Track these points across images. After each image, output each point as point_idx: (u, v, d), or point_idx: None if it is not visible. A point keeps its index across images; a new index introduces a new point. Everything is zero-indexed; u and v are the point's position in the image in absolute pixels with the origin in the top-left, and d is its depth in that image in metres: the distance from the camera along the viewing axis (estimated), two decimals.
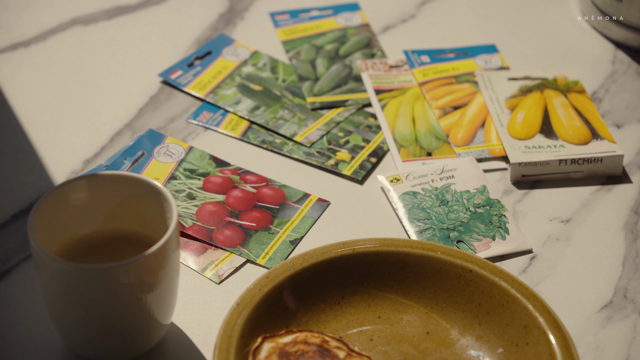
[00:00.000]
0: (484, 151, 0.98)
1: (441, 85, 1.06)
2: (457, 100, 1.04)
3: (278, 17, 1.15)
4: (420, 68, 1.08)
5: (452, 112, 1.03)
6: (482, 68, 1.09)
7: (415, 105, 1.03)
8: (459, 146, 0.99)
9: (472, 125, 1.01)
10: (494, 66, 1.09)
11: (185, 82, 1.05)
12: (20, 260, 0.87)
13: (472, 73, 1.07)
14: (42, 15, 1.14)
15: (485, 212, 0.92)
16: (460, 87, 1.06)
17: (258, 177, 0.96)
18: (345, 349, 0.77)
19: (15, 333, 0.81)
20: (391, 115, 1.02)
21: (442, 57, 1.10)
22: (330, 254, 0.82)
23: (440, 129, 1.00)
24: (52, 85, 1.05)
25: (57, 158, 0.97)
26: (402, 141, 0.99)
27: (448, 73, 1.08)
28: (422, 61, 1.09)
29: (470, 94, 1.05)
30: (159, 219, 0.78)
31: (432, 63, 1.09)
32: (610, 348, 0.82)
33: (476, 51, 1.11)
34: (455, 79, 1.07)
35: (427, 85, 1.06)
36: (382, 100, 1.04)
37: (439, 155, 0.98)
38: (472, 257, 0.82)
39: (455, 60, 1.10)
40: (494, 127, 1.01)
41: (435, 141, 1.00)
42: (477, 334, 0.80)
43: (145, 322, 0.76)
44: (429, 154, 0.98)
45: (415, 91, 1.05)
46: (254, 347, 0.76)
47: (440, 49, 1.11)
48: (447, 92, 1.05)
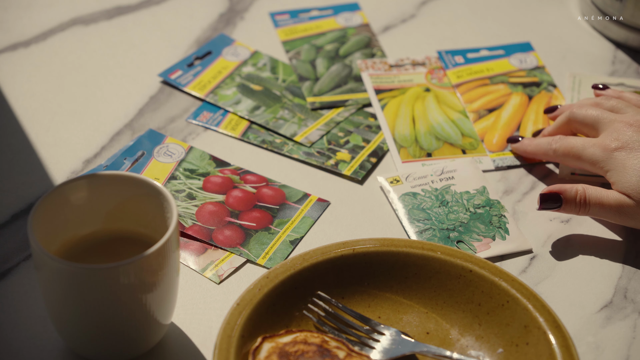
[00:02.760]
0: (519, 158, 0.98)
1: (475, 87, 1.06)
2: (492, 102, 1.04)
3: (278, 17, 1.15)
4: (455, 69, 1.08)
5: (487, 115, 1.02)
6: (517, 68, 1.08)
7: (415, 105, 1.03)
8: (493, 151, 0.99)
9: (507, 128, 1.01)
10: (530, 65, 1.09)
11: (185, 82, 1.05)
12: (20, 260, 0.87)
13: (507, 73, 1.07)
14: (42, 15, 1.14)
15: (485, 212, 0.92)
16: (494, 88, 1.06)
17: (258, 177, 0.96)
18: (345, 349, 0.77)
19: (15, 333, 0.81)
20: (391, 116, 1.02)
21: (476, 57, 1.10)
22: (330, 254, 0.82)
23: (441, 131, 1.00)
24: (52, 85, 1.05)
25: (57, 158, 0.97)
26: (402, 142, 0.99)
27: (482, 74, 1.07)
28: (456, 62, 1.09)
29: (505, 95, 1.05)
30: (159, 219, 0.78)
31: (466, 64, 1.09)
32: (610, 348, 0.82)
33: (511, 50, 1.11)
34: (489, 80, 1.07)
35: (462, 88, 1.05)
36: (382, 100, 1.03)
37: (439, 156, 0.98)
38: (472, 257, 0.82)
39: (490, 60, 1.09)
40: (529, 130, 1.00)
41: (435, 142, 0.99)
42: (477, 334, 0.80)
43: (145, 322, 0.76)
44: (429, 155, 0.98)
45: (415, 90, 1.05)
46: (254, 347, 0.76)
47: (473, 48, 1.11)
48: (482, 93, 1.05)
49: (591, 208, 0.88)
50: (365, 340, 0.79)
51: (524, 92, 1.05)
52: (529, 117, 1.02)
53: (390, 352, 0.78)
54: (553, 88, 1.06)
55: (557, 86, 1.06)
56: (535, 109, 1.03)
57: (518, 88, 1.06)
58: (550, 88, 1.06)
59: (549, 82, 1.07)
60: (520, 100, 1.04)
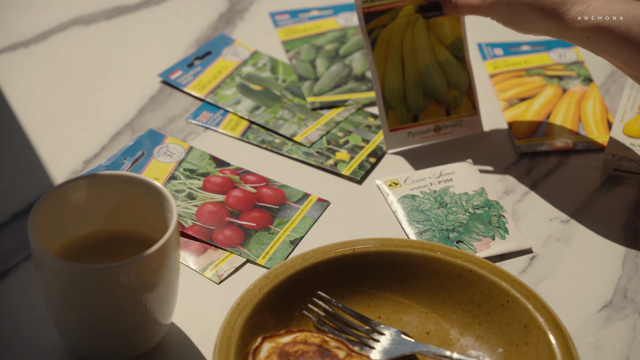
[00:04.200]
0: (545, 144, 0.99)
1: (510, 77, 1.06)
2: (525, 92, 1.05)
3: (278, 17, 1.15)
4: (492, 60, 1.09)
5: (518, 103, 1.03)
6: (555, 62, 1.09)
7: (405, 37, 0.97)
8: (520, 138, 1.00)
9: (537, 117, 1.02)
10: (569, 60, 1.09)
11: (185, 82, 1.05)
12: (20, 260, 0.87)
13: (544, 67, 1.08)
14: (42, 15, 1.14)
15: (484, 212, 0.92)
16: (529, 79, 1.06)
17: (258, 177, 0.96)
18: (345, 349, 0.77)
19: (15, 333, 0.81)
20: (381, 57, 0.97)
21: (516, 51, 1.10)
22: (330, 254, 0.82)
23: (428, 81, 0.98)
24: (52, 85, 1.05)
25: (57, 158, 0.97)
26: (391, 100, 0.97)
27: (520, 66, 1.08)
28: (495, 54, 1.10)
29: (540, 86, 1.05)
30: (159, 219, 0.78)
31: (505, 56, 1.09)
32: (610, 348, 0.82)
33: (551, 44, 1.11)
34: (525, 72, 1.07)
35: (496, 78, 1.06)
36: (372, 34, 0.96)
37: (425, 121, 0.98)
38: (472, 257, 0.82)
39: (529, 53, 1.10)
40: (559, 120, 1.01)
41: (423, 98, 0.98)
42: (477, 334, 0.80)
43: (145, 322, 0.76)
44: (415, 119, 0.98)
45: (406, 14, 0.97)
46: (254, 347, 0.76)
47: (515, 42, 1.11)
48: (516, 84, 1.06)
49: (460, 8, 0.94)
50: (365, 340, 0.79)
51: (559, 85, 1.06)
52: (560, 108, 1.03)
53: (390, 352, 0.78)
54: (589, 82, 1.07)
55: (594, 81, 1.07)
56: (568, 101, 1.04)
57: (553, 80, 1.06)
58: (586, 82, 1.07)
59: (586, 76, 1.07)
60: (554, 92, 1.05)
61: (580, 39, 0.87)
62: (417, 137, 0.98)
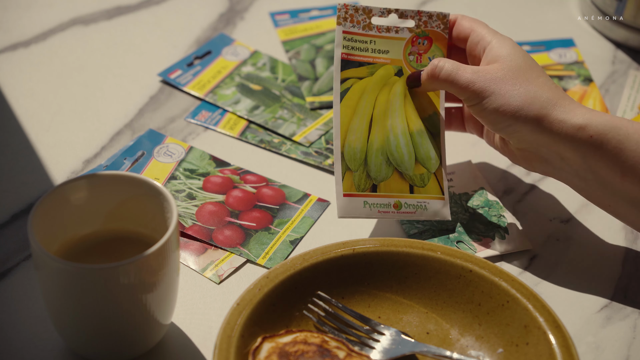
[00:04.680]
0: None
1: None
2: None
3: (278, 17, 1.15)
4: None
5: None
6: (555, 62, 1.09)
7: (380, 96, 0.89)
8: None
9: None
10: (569, 60, 1.09)
11: (185, 81, 1.05)
12: (20, 260, 0.87)
13: (544, 67, 1.08)
14: (42, 15, 1.14)
15: (484, 212, 0.92)
16: None
17: (258, 177, 0.96)
18: (345, 349, 0.77)
19: (15, 333, 0.81)
20: (348, 111, 0.88)
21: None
22: (330, 254, 0.82)
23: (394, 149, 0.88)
24: (52, 85, 1.05)
25: (57, 158, 0.97)
26: (350, 161, 0.87)
27: None
28: None
29: None
30: (159, 219, 0.78)
31: None
32: (610, 348, 0.82)
33: (552, 45, 1.11)
34: None
35: None
36: (344, 83, 0.89)
37: (385, 193, 0.87)
38: (472, 257, 0.82)
39: (530, 53, 1.10)
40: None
41: (385, 167, 0.88)
42: (477, 334, 0.80)
43: (145, 322, 0.76)
44: (374, 188, 0.87)
45: (385, 72, 0.90)
46: (254, 347, 0.76)
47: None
48: None
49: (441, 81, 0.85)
50: (365, 340, 0.79)
51: (559, 85, 1.06)
52: None
53: (390, 352, 0.78)
54: (589, 82, 1.07)
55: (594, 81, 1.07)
56: None
57: (553, 80, 1.06)
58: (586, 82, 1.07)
59: (586, 76, 1.07)
60: None
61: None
62: (374, 209, 0.87)
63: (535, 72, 0.85)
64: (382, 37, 0.90)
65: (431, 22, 0.91)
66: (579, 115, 0.82)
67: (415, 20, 0.91)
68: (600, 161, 0.81)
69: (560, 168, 0.84)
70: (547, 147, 0.83)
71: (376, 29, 0.89)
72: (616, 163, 0.81)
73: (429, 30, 0.91)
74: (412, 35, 0.90)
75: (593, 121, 0.81)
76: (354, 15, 0.89)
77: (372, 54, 0.89)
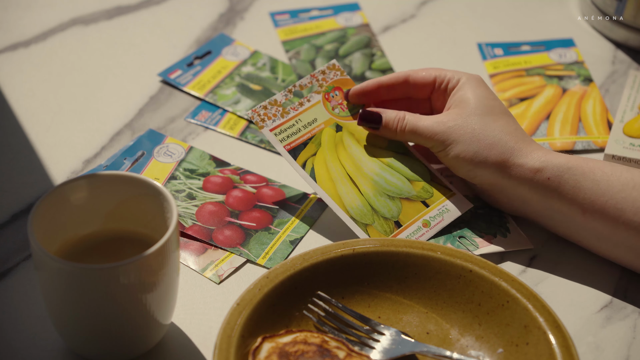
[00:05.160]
0: (545, 144, 0.99)
1: (510, 77, 1.06)
2: (525, 92, 1.05)
3: (278, 17, 1.15)
4: (492, 60, 1.09)
5: (518, 103, 1.03)
6: (555, 62, 1.09)
7: (341, 157, 0.91)
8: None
9: (537, 117, 1.02)
10: (569, 60, 1.09)
11: (185, 81, 1.05)
12: (20, 260, 0.87)
13: (544, 67, 1.08)
14: (42, 15, 1.14)
15: (485, 212, 0.92)
16: (529, 79, 1.06)
17: (258, 177, 0.96)
18: (345, 349, 0.77)
19: (15, 333, 0.81)
20: (328, 185, 0.90)
21: (516, 51, 1.10)
22: (330, 254, 0.82)
23: (387, 185, 0.90)
24: (52, 85, 1.05)
25: (57, 158, 0.97)
26: (363, 218, 0.88)
27: (520, 66, 1.08)
28: (495, 54, 1.10)
29: (540, 86, 1.06)
30: (159, 219, 0.78)
31: (505, 56, 1.10)
32: (610, 348, 0.82)
33: (552, 45, 1.11)
34: (525, 72, 1.07)
35: (496, 78, 1.06)
36: (306, 166, 0.90)
37: (408, 222, 0.89)
38: (472, 257, 0.82)
39: (529, 53, 1.10)
40: (558, 120, 1.01)
41: (392, 202, 0.89)
42: (477, 334, 0.80)
43: (145, 322, 0.76)
44: (398, 224, 0.88)
45: (328, 137, 0.92)
46: (254, 347, 0.76)
47: (515, 42, 1.11)
48: (516, 84, 1.06)
49: (406, 134, 0.89)
50: (365, 340, 0.79)
51: (559, 85, 1.06)
52: (560, 108, 1.03)
53: (390, 352, 0.78)
54: (589, 82, 1.07)
55: (594, 81, 1.07)
56: (568, 102, 1.04)
57: (553, 80, 1.07)
58: (586, 82, 1.07)
59: (586, 76, 1.07)
60: (554, 92, 1.05)
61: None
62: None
63: (496, 113, 0.88)
64: (302, 112, 0.92)
65: (328, 76, 0.94)
66: (536, 158, 0.86)
67: (314, 83, 0.94)
68: (560, 201, 0.85)
69: (524, 208, 0.88)
70: (509, 189, 0.87)
71: (292, 110, 0.92)
72: (575, 202, 0.84)
73: (331, 82, 0.94)
74: (323, 94, 0.94)
75: (549, 164, 0.85)
76: (267, 112, 0.91)
77: (305, 130, 0.92)
